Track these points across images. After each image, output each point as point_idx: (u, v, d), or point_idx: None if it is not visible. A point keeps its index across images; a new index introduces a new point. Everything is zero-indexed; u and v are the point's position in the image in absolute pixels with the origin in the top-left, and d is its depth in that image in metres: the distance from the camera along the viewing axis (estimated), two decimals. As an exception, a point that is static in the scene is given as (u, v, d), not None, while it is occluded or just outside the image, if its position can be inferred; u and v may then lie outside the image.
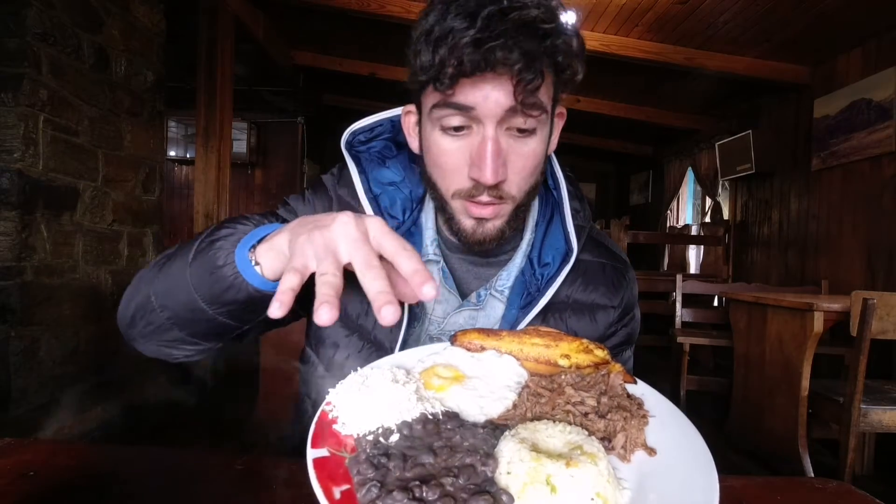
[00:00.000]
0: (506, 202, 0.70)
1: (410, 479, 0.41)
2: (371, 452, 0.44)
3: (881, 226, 3.35)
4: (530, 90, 0.61)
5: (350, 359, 0.77)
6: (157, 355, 0.71)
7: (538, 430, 0.48)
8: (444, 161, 0.68)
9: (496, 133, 0.64)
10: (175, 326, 0.65)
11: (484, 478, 0.42)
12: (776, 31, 3.45)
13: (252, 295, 0.58)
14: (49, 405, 2.44)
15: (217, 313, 0.61)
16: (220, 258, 0.58)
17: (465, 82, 0.62)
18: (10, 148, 2.25)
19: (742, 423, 2.89)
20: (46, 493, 0.55)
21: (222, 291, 0.59)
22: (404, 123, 0.78)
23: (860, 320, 2.13)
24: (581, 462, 0.43)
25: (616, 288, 0.83)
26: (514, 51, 0.59)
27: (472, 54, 0.58)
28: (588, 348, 0.61)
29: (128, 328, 0.70)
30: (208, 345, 0.69)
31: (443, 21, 0.61)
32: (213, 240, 0.61)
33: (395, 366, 0.58)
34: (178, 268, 0.63)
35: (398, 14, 3.49)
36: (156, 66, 3.16)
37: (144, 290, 0.66)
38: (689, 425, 0.51)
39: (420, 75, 0.64)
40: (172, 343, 0.68)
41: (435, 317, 0.79)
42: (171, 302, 0.63)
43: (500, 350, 0.62)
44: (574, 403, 0.53)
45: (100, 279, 2.80)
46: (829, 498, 0.64)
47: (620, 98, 5.21)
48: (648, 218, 7.10)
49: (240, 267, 0.57)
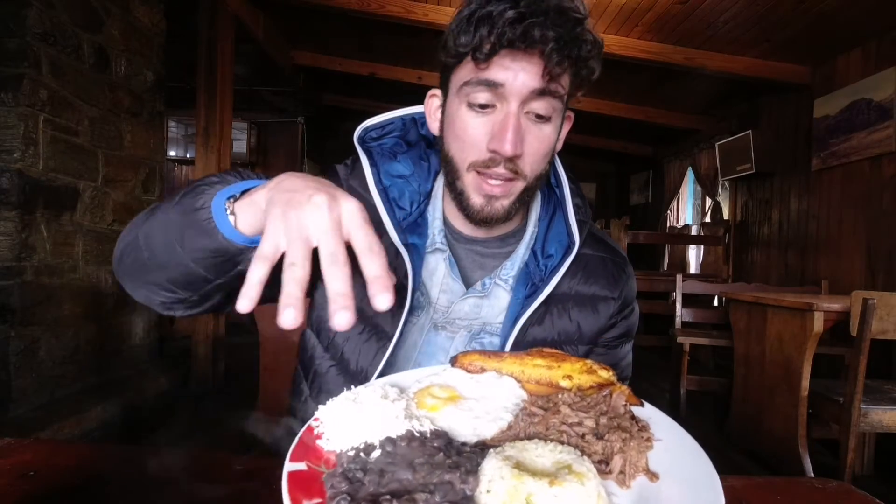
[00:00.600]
0: (518, 180, 0.73)
1: (381, 494, 0.40)
2: (348, 467, 0.43)
3: (881, 226, 3.35)
4: (556, 74, 0.67)
5: (350, 342, 0.79)
6: (141, 298, 0.73)
7: (526, 449, 0.45)
8: (465, 133, 0.72)
9: (518, 111, 0.69)
10: (154, 268, 0.67)
11: (462, 496, 0.41)
12: (776, 31, 3.45)
13: (221, 244, 0.59)
14: (49, 405, 2.44)
15: (190, 258, 0.62)
16: (199, 202, 0.60)
17: (499, 59, 0.67)
18: (10, 148, 2.25)
19: (742, 423, 2.89)
20: (46, 493, 0.55)
21: (194, 235, 0.60)
22: (427, 106, 0.82)
23: (860, 320, 2.13)
24: (566, 481, 0.40)
25: (616, 280, 0.86)
26: (550, 30, 0.64)
27: (512, 28, 0.64)
28: (591, 369, 0.59)
29: (117, 265, 0.72)
30: (185, 295, 0.69)
31: (486, 5, 0.66)
32: (199, 185, 0.64)
33: (391, 385, 0.57)
34: (165, 208, 0.65)
35: (398, 14, 3.49)
36: (156, 66, 3.16)
37: (136, 227, 0.69)
38: (699, 452, 0.48)
39: (458, 50, 0.68)
40: (152, 287, 0.69)
41: (440, 305, 0.81)
42: (152, 241, 0.66)
43: (500, 372, 0.60)
44: (571, 424, 0.51)
45: (100, 279, 2.80)
46: (829, 498, 0.64)
47: (620, 98, 5.21)
48: (648, 218, 7.10)
49: (214, 213, 0.59)
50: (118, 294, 2.89)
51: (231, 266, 0.63)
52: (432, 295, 0.80)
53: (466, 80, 0.70)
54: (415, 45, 4.25)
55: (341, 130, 7.09)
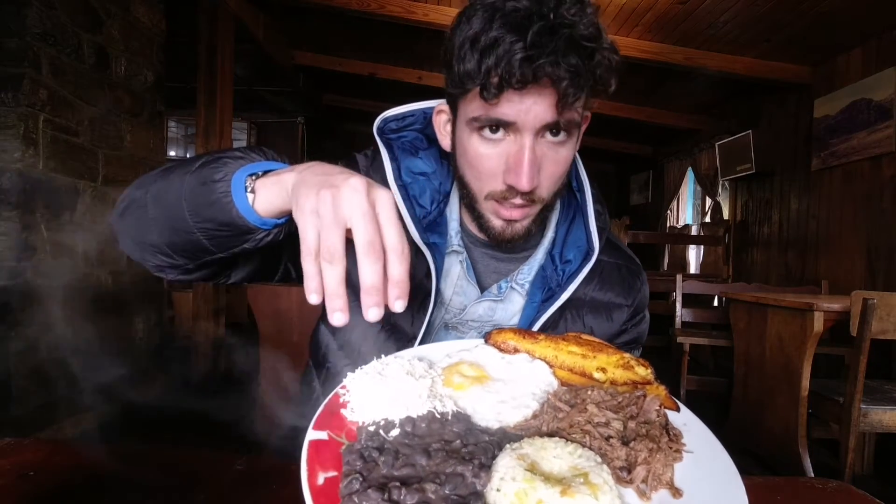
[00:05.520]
0: (536, 205, 0.72)
1: (394, 478, 0.40)
2: (365, 444, 0.43)
3: (881, 226, 3.34)
4: (570, 105, 0.63)
5: (367, 341, 0.78)
6: (136, 256, 0.71)
7: (545, 448, 0.43)
8: (479, 164, 0.70)
9: (533, 142, 0.66)
10: (156, 229, 0.65)
11: (472, 490, 0.40)
12: (776, 31, 3.44)
13: (234, 219, 0.58)
14: (49, 405, 2.44)
15: (196, 227, 0.61)
16: (219, 173, 0.59)
17: (508, 95, 0.63)
18: (10, 148, 2.25)
19: (742, 423, 2.89)
20: (46, 493, 0.55)
21: (207, 205, 0.59)
22: (436, 121, 0.79)
23: (860, 320, 2.13)
24: (579, 493, 0.38)
25: (630, 288, 0.86)
26: (562, 67, 0.60)
27: (521, 68, 0.59)
28: (629, 364, 0.56)
29: (118, 219, 0.71)
30: (181, 262, 0.68)
31: (489, 29, 0.61)
32: (221, 156, 0.62)
33: (420, 358, 0.56)
34: (180, 172, 0.63)
35: (398, 14, 3.49)
36: (156, 66, 3.16)
37: (145, 185, 0.67)
38: (732, 468, 0.45)
39: (464, 82, 0.64)
40: (150, 248, 0.68)
41: (452, 306, 0.80)
42: (161, 202, 0.64)
43: (533, 354, 0.58)
44: (596, 424, 0.48)
45: (100, 279, 2.80)
46: (829, 498, 0.64)
47: (620, 98, 5.20)
48: (648, 218, 7.09)
49: (234, 187, 0.58)
50: (118, 294, 2.89)
51: (236, 243, 0.62)
52: (446, 295, 0.80)
53: (475, 115, 0.67)
54: (415, 45, 4.25)
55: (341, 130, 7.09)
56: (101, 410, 2.61)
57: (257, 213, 0.59)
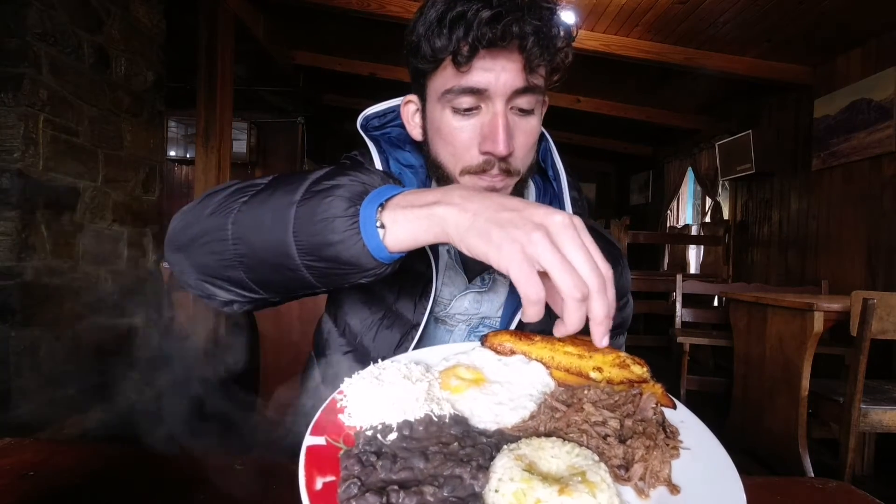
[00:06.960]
0: (513, 176, 0.73)
1: (392, 481, 0.40)
2: (363, 448, 0.43)
3: (881, 226, 3.34)
4: (535, 67, 0.67)
5: (370, 330, 0.79)
6: (199, 291, 0.65)
7: (542, 448, 0.43)
8: (454, 138, 0.71)
9: (504, 110, 0.69)
10: (242, 265, 0.58)
11: (470, 492, 0.40)
12: (776, 31, 3.44)
13: (360, 257, 0.53)
14: (49, 405, 2.44)
15: (305, 265, 0.55)
16: (338, 207, 0.53)
17: (479, 61, 0.66)
18: (10, 148, 2.25)
19: (742, 423, 2.89)
20: (46, 493, 0.55)
21: (327, 244, 0.53)
22: (404, 113, 0.81)
23: (860, 320, 2.13)
24: (577, 491, 0.38)
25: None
26: (528, 25, 0.64)
27: (490, 28, 0.63)
28: (624, 363, 0.56)
29: (177, 251, 0.63)
30: (258, 296, 0.62)
31: (455, 5, 0.65)
32: (333, 185, 0.55)
33: (417, 361, 0.56)
34: (280, 204, 0.56)
35: (398, 14, 3.49)
36: (156, 66, 3.16)
37: (220, 215, 0.59)
38: (730, 467, 0.45)
39: (436, 54, 0.67)
40: (222, 282, 0.61)
41: (442, 298, 0.81)
42: (255, 238, 0.56)
43: (529, 356, 0.58)
44: (593, 423, 0.48)
45: (100, 279, 2.80)
46: (829, 498, 0.64)
47: (620, 98, 5.20)
48: (648, 218, 7.09)
49: (363, 223, 0.52)
50: (118, 294, 2.89)
51: (352, 280, 0.56)
52: (435, 286, 0.80)
53: (448, 87, 0.69)
54: (415, 45, 4.24)
55: (341, 130, 7.09)
56: (101, 410, 2.61)
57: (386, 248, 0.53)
